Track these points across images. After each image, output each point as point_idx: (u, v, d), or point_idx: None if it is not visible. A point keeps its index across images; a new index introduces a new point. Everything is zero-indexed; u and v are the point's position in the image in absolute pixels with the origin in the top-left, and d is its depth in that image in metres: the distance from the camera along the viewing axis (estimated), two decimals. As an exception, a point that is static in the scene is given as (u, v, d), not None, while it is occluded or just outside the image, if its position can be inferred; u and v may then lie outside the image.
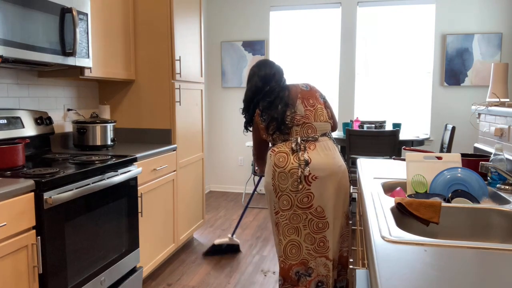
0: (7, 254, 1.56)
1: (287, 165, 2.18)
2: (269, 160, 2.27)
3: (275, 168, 2.21)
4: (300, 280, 2.26)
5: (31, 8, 1.94)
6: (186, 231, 3.35)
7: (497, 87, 2.52)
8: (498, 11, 4.57)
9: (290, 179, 2.18)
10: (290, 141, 2.24)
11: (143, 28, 3.04)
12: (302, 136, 2.24)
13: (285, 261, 2.27)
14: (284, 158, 2.20)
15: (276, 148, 2.26)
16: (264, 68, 2.38)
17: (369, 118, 4.91)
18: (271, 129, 2.27)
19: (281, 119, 2.23)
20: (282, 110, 2.25)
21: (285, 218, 2.23)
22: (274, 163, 2.22)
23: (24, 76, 2.47)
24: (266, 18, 5.16)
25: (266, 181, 2.28)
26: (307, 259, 2.24)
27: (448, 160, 1.67)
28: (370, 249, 0.97)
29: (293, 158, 2.19)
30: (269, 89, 2.33)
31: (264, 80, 2.34)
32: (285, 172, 2.18)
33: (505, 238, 1.32)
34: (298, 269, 2.26)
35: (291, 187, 2.18)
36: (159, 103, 3.08)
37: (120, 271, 2.30)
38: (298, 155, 2.19)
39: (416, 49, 4.85)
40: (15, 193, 1.58)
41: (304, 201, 2.18)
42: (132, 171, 2.35)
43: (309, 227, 2.21)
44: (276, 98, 2.28)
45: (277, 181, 2.21)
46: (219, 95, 5.41)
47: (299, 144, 2.21)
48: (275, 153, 2.23)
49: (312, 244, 2.22)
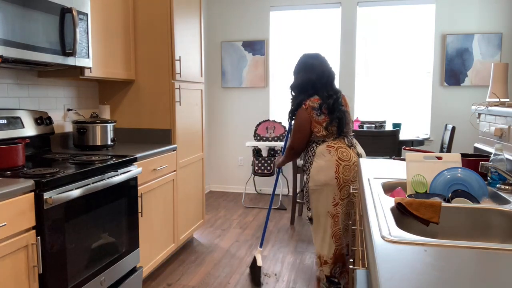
0: (7, 254, 1.56)
1: (351, 158, 2.44)
2: (328, 155, 2.44)
3: (339, 161, 2.42)
4: (347, 262, 2.47)
5: (31, 8, 1.94)
6: (186, 231, 3.35)
7: (497, 87, 2.52)
8: (498, 11, 4.57)
9: (352, 171, 2.43)
10: (342, 138, 2.48)
11: (143, 28, 3.04)
12: (350, 135, 2.54)
13: (340, 247, 2.48)
14: (347, 152, 2.45)
15: (333, 144, 2.46)
16: (326, 64, 2.56)
17: (369, 118, 4.91)
18: (330, 127, 2.45)
19: (344, 121, 2.47)
20: (343, 112, 2.49)
21: (343, 207, 2.45)
22: (338, 157, 2.43)
23: (24, 76, 2.47)
24: (266, 18, 5.16)
25: (327, 175, 2.42)
26: (346, 239, 2.49)
27: (448, 160, 1.67)
28: (370, 249, 0.97)
29: (352, 152, 2.46)
30: (331, 87, 2.52)
31: (329, 74, 2.53)
32: (350, 165, 2.43)
33: (505, 238, 1.32)
34: (346, 249, 2.51)
35: (352, 178, 2.43)
36: (159, 103, 3.08)
37: (120, 271, 2.30)
38: (354, 149, 2.50)
39: (416, 49, 4.85)
40: (15, 193, 1.58)
41: (356, 189, 2.35)
42: (132, 171, 2.35)
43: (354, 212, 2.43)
44: (338, 99, 2.48)
45: (342, 174, 2.41)
46: (219, 95, 5.41)
47: (350, 140, 2.51)
48: (335, 149, 2.44)
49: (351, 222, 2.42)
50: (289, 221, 4.21)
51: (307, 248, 3.49)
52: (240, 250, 3.43)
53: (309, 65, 2.52)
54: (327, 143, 2.46)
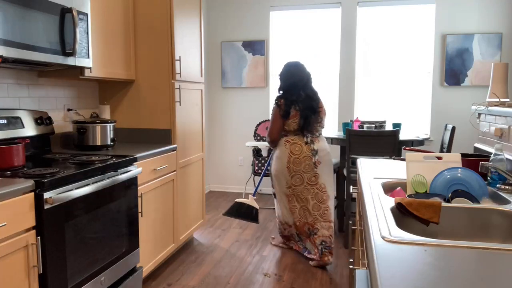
0: (7, 254, 1.56)
1: (301, 153, 3.00)
2: (284, 148, 3.04)
3: (290, 154, 3.01)
4: (310, 235, 3.10)
5: (31, 8, 1.94)
6: (186, 231, 3.35)
7: (497, 87, 2.52)
8: (498, 11, 4.57)
9: (303, 163, 3.00)
10: (302, 136, 3.04)
11: (143, 28, 3.04)
12: (312, 133, 3.07)
13: (300, 220, 3.12)
14: (299, 148, 3.01)
15: (290, 139, 3.05)
16: (305, 69, 3.16)
17: (369, 118, 4.91)
18: (296, 123, 3.02)
19: (310, 122, 3.04)
20: (314, 115, 3.05)
21: (298, 191, 3.06)
22: (290, 151, 3.01)
23: (24, 76, 2.47)
24: (266, 18, 5.16)
25: (281, 164, 3.05)
26: (314, 221, 3.08)
27: (448, 160, 1.67)
28: (370, 249, 0.97)
29: (306, 148, 3.01)
30: (309, 91, 3.09)
31: (306, 80, 3.12)
32: (299, 158, 3.00)
33: (505, 238, 1.32)
34: (309, 228, 3.09)
35: (303, 169, 3.00)
36: (159, 103, 3.08)
37: (120, 271, 2.30)
38: (309, 146, 3.02)
39: (416, 49, 4.85)
40: (15, 193, 1.58)
41: (313, 179, 3.04)
42: (132, 171, 2.35)
43: (316, 199, 3.06)
44: (314, 104, 3.06)
45: (292, 165, 3.01)
46: (219, 95, 5.41)
47: (309, 138, 3.04)
48: (290, 143, 3.03)
49: (318, 211, 3.06)
50: (289, 221, 4.21)
51: (307, 248, 3.49)
52: (240, 250, 3.43)
53: (291, 71, 3.11)
54: (287, 137, 3.06)
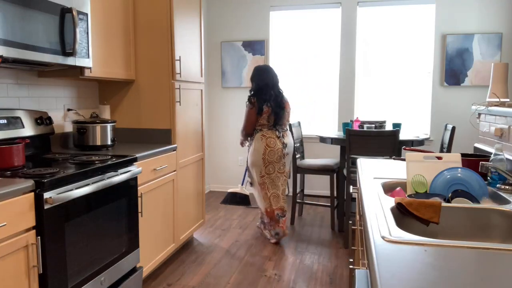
0: (7, 254, 1.56)
1: (276, 146, 3.45)
2: (260, 142, 3.45)
3: (266, 147, 3.44)
4: (279, 220, 3.54)
5: (31, 8, 1.94)
6: (186, 231, 3.35)
7: (497, 87, 2.52)
8: (498, 11, 4.57)
9: (276, 155, 3.45)
10: (275, 130, 3.49)
11: (143, 28, 3.04)
12: (282, 128, 3.53)
13: (271, 207, 3.53)
14: (274, 141, 3.45)
15: (265, 133, 3.46)
16: (273, 72, 3.63)
17: (369, 118, 4.91)
18: (268, 119, 3.46)
19: (280, 118, 3.51)
20: (282, 111, 3.51)
21: (270, 179, 3.50)
22: (266, 144, 3.44)
23: (24, 76, 2.47)
24: (266, 18, 5.16)
25: (258, 156, 3.46)
26: (283, 205, 3.54)
27: (448, 160, 1.67)
28: (370, 249, 0.97)
29: (278, 142, 3.46)
30: (276, 91, 3.55)
31: (275, 81, 3.59)
32: (274, 150, 3.45)
33: (505, 238, 1.32)
34: (278, 212, 3.53)
35: (276, 159, 3.46)
36: (159, 103, 3.08)
37: (120, 271, 2.30)
38: (281, 140, 3.48)
39: (416, 49, 4.85)
40: (15, 193, 1.58)
41: (282, 168, 3.52)
42: (132, 171, 2.35)
43: (284, 185, 3.58)
44: (281, 102, 3.52)
45: (267, 156, 3.45)
46: (219, 95, 5.41)
47: (280, 132, 3.50)
48: (266, 137, 3.45)
49: (284, 195, 3.57)
50: (289, 221, 4.21)
51: (307, 248, 3.49)
52: (240, 250, 3.43)
53: (264, 74, 3.54)
54: (262, 132, 3.46)
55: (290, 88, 5.22)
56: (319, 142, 4.28)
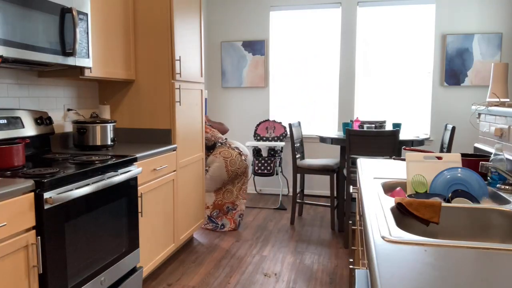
0: (7, 254, 1.56)
1: (232, 154, 3.82)
2: (217, 159, 3.80)
3: (225, 159, 3.78)
4: (228, 212, 3.88)
5: (31, 8, 1.94)
6: (186, 231, 3.35)
7: (497, 87, 2.52)
8: (498, 11, 4.57)
9: (237, 162, 3.81)
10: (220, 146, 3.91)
11: (143, 28, 3.04)
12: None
13: (221, 201, 3.88)
14: (227, 151, 3.82)
15: (216, 151, 3.85)
16: None
17: (369, 118, 4.91)
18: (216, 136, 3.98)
19: None
20: None
21: (228, 177, 3.83)
22: (224, 157, 3.79)
23: (24, 76, 2.47)
24: (266, 18, 5.16)
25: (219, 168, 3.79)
26: (235, 200, 3.89)
27: (448, 160, 1.67)
28: (370, 249, 0.97)
29: (230, 150, 3.83)
30: None
31: None
32: (233, 158, 3.78)
33: (505, 238, 1.32)
34: (228, 205, 3.88)
35: (238, 166, 3.81)
36: (159, 103, 3.08)
37: (120, 271, 2.30)
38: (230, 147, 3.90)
39: (416, 49, 4.85)
40: (15, 193, 1.58)
41: (243, 170, 3.89)
42: (132, 171, 2.35)
43: (241, 182, 3.91)
44: None
45: (230, 166, 3.77)
46: (219, 95, 5.41)
47: (226, 143, 3.93)
48: (219, 152, 3.84)
49: (239, 191, 3.91)
50: (289, 221, 4.21)
51: (307, 248, 3.49)
52: (240, 250, 3.43)
53: None
54: (212, 153, 3.86)
55: (290, 88, 5.22)
56: (319, 142, 4.28)
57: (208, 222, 3.89)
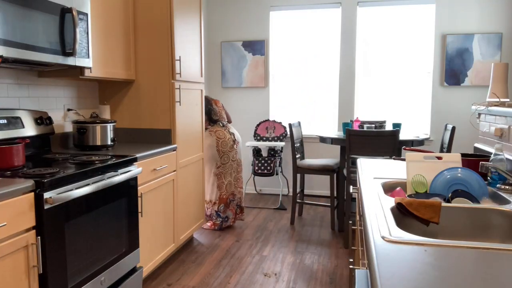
0: (7, 254, 1.56)
1: (225, 136, 3.90)
2: (210, 137, 3.86)
3: (218, 139, 3.86)
4: (230, 203, 3.96)
5: (31, 8, 1.94)
6: (186, 231, 3.35)
7: (497, 87, 2.52)
8: (498, 11, 4.57)
9: (228, 144, 3.89)
10: (219, 125, 3.96)
11: (143, 28, 3.04)
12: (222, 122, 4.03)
13: (226, 194, 3.93)
14: (223, 133, 3.90)
15: (213, 128, 3.91)
16: None
17: (369, 118, 4.91)
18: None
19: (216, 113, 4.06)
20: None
21: (224, 169, 3.90)
22: (217, 136, 3.86)
23: (24, 76, 2.47)
24: (266, 18, 5.16)
25: (212, 150, 3.85)
26: (234, 190, 4.00)
27: (448, 160, 1.67)
28: (370, 249, 0.97)
29: (226, 133, 3.93)
30: None
31: None
32: (226, 140, 3.88)
33: (505, 238, 1.32)
34: (230, 197, 3.97)
35: (229, 149, 3.90)
36: (159, 103, 3.08)
37: (120, 271, 2.30)
38: (228, 131, 3.97)
39: (416, 49, 4.85)
40: (15, 193, 1.58)
41: (235, 156, 3.97)
42: (132, 171, 2.35)
43: (236, 172, 4.00)
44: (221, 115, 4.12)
45: (220, 147, 3.85)
46: (219, 95, 5.41)
47: (226, 126, 4.00)
48: (214, 132, 3.89)
49: (235, 181, 4.01)
50: (289, 221, 4.21)
51: (307, 248, 3.49)
52: (240, 250, 3.43)
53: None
54: (209, 129, 3.91)
55: (290, 88, 5.22)
56: (319, 142, 4.28)
57: (216, 217, 3.92)
